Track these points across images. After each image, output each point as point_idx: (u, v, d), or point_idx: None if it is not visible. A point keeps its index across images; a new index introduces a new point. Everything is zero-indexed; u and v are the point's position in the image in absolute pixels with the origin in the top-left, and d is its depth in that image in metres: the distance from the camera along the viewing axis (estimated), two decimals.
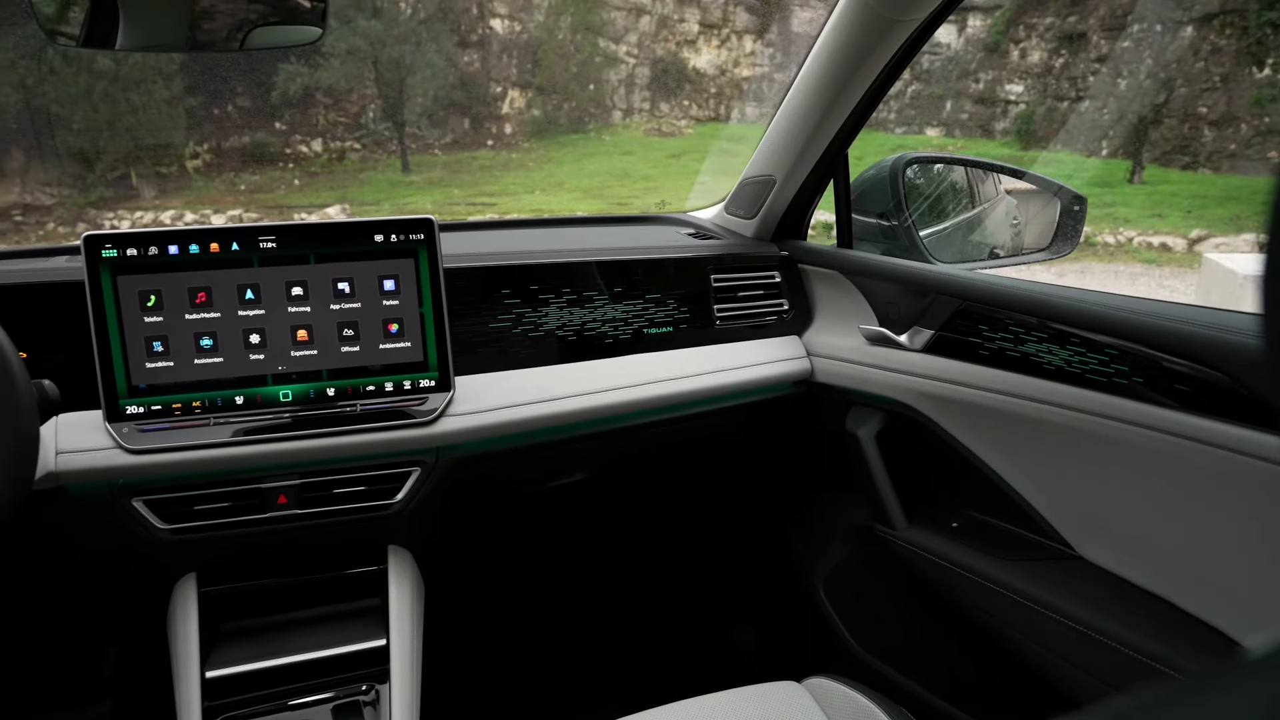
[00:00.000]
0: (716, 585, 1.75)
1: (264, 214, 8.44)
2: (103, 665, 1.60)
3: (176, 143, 8.75)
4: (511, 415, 1.18)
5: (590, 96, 11.69)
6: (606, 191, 9.77)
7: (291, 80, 9.15)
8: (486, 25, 11.02)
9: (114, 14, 1.12)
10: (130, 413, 1.11)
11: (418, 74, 9.75)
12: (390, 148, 10.09)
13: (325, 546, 1.22)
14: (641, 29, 12.09)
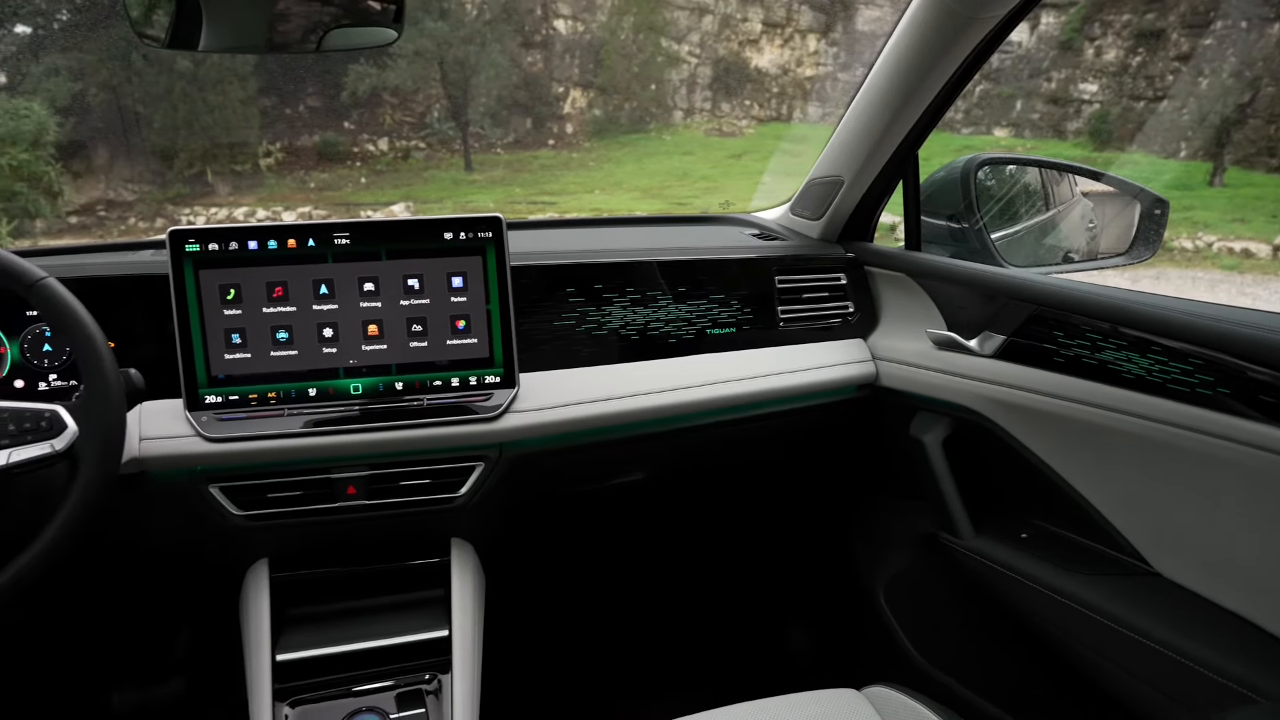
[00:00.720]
0: (773, 588, 1.74)
1: (332, 211, 8.66)
2: (175, 645, 1.67)
3: (251, 141, 9.04)
4: (574, 413, 1.19)
5: (651, 96, 11.71)
6: (666, 191, 9.77)
7: (360, 81, 9.38)
8: (550, 26, 11.12)
9: (197, 16, 1.15)
10: (209, 402, 1.15)
11: (482, 74, 9.89)
12: (454, 147, 10.26)
13: (390, 537, 1.25)
14: (704, 28, 12.07)
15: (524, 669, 1.60)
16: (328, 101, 9.72)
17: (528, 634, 1.63)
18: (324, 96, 9.80)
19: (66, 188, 7.79)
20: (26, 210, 6.54)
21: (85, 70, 8.06)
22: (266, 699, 1.09)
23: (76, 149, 8.30)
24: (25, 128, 6.38)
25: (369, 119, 9.97)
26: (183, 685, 1.64)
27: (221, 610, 1.32)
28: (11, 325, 1.19)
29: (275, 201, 8.90)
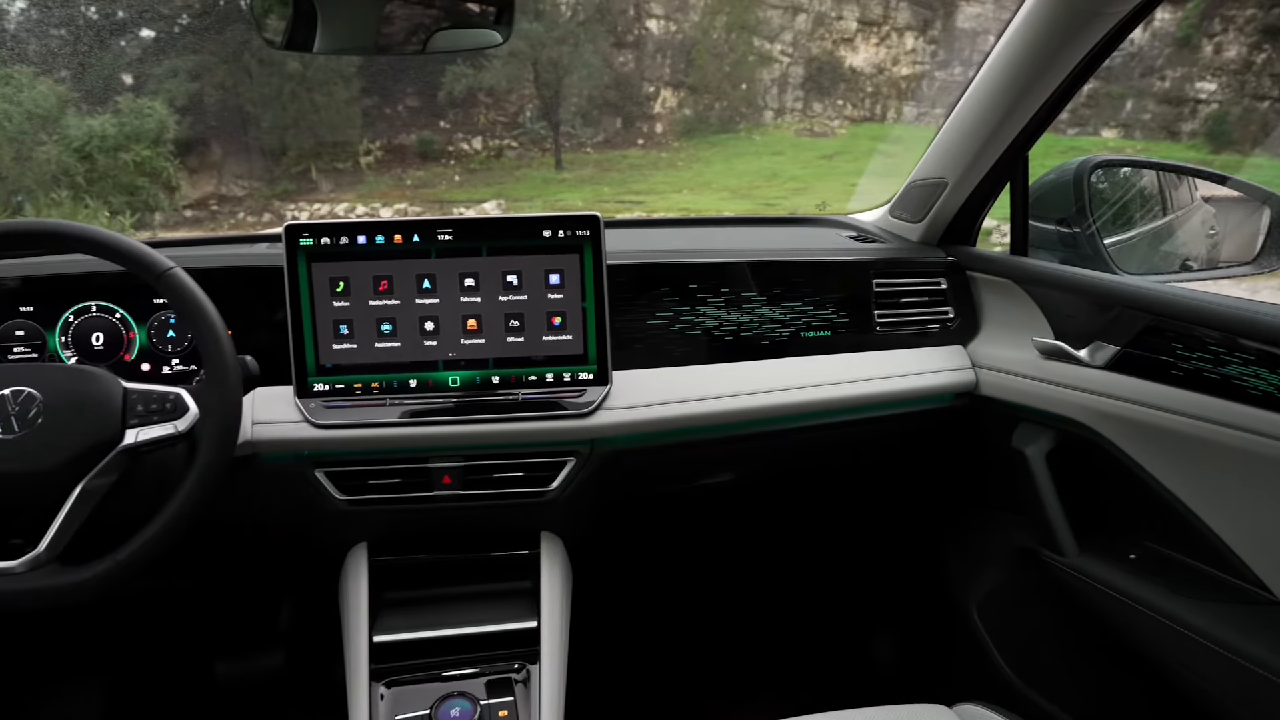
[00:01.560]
0: (860, 596, 1.71)
1: (426, 208, 8.90)
2: (277, 621, 1.75)
3: (352, 140, 9.37)
4: (667, 412, 1.20)
5: (742, 96, 11.64)
6: (754, 192, 9.70)
7: (457, 81, 9.61)
8: (642, 26, 11.18)
9: (313, 20, 1.20)
10: (317, 390, 1.20)
11: (574, 74, 10.01)
12: (545, 146, 10.41)
13: (483, 528, 1.28)
14: (797, 27, 11.92)
15: (609, 664, 1.62)
16: (425, 102, 10.00)
17: (614, 630, 1.65)
18: (422, 97, 10.09)
19: (183, 183, 8.23)
20: (147, 203, 6.94)
21: (203, 72, 8.51)
22: (364, 678, 1.13)
23: (193, 146, 8.77)
24: (148, 126, 6.78)
25: (464, 118, 10.21)
26: (282, 659, 1.71)
27: (321, 590, 1.38)
28: (140, 312, 1.26)
29: (374, 198, 9.20)
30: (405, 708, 1.10)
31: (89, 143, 6.44)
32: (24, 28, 7.02)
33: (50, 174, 6.14)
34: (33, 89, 6.21)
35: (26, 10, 7.06)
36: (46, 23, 6.83)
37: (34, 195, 6.16)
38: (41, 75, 6.48)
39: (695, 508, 1.49)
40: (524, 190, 9.69)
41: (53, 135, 6.21)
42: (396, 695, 1.12)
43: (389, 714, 1.10)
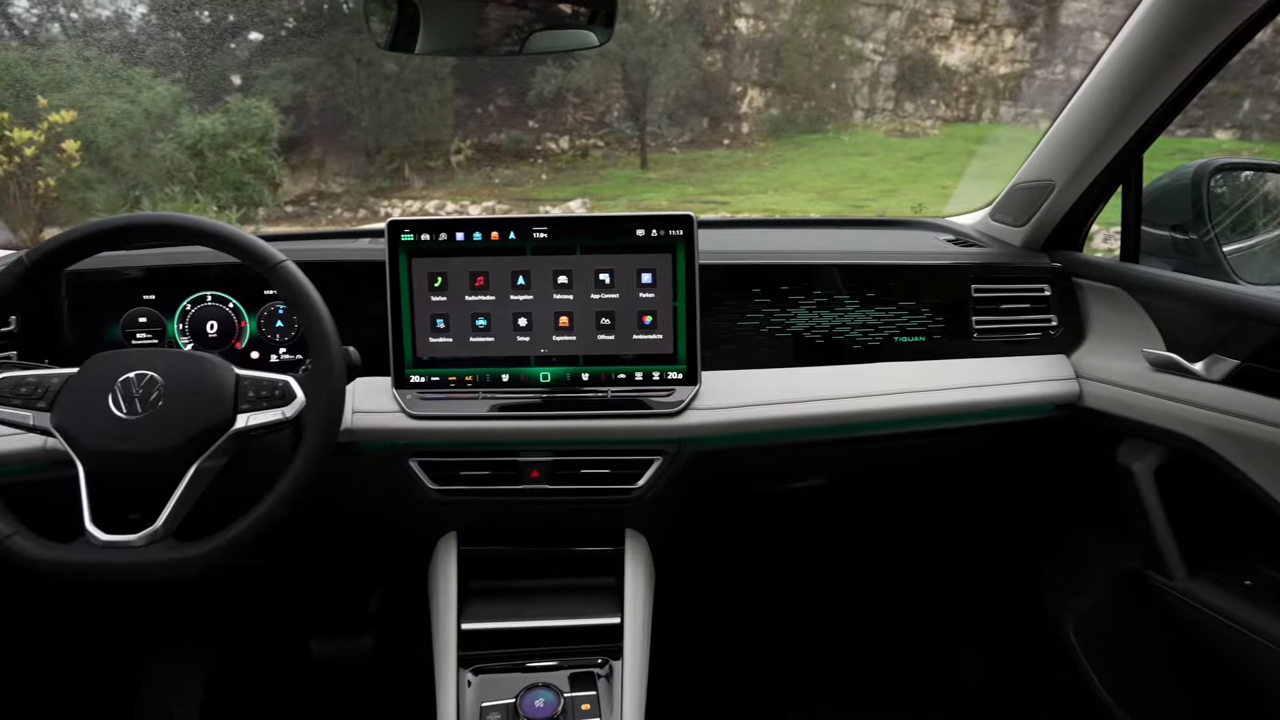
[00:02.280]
0: (947, 609, 1.67)
1: (514, 205, 9.05)
2: (368, 605, 1.81)
3: (444, 139, 9.61)
4: (756, 414, 1.19)
5: (831, 96, 11.45)
6: (841, 193, 9.53)
7: (546, 81, 9.75)
8: (731, 25, 11.11)
9: (416, 22, 1.24)
10: (414, 381, 1.24)
11: (662, 74, 10.02)
12: (631, 145, 10.46)
13: (569, 523, 1.30)
14: (890, 25, 11.65)
15: (690, 663, 1.62)
16: (515, 101, 10.17)
17: (695, 629, 1.65)
18: (512, 96, 10.26)
19: (285, 179, 8.57)
20: (252, 199, 7.25)
21: (306, 73, 8.85)
22: (452, 664, 1.16)
23: (295, 144, 9.13)
24: (255, 125, 7.09)
25: (552, 118, 10.34)
26: (372, 641, 1.77)
27: (410, 576, 1.42)
28: (251, 302, 1.33)
29: (463, 196, 9.41)
30: (491, 695, 1.13)
31: (200, 141, 6.78)
32: (144, 32, 7.44)
33: (165, 170, 6.49)
34: (151, 90, 6.56)
35: (147, 15, 7.49)
36: (164, 27, 7.23)
37: (150, 190, 6.51)
38: (159, 77, 6.85)
39: (781, 510, 1.47)
40: (609, 189, 9.75)
41: (168, 133, 6.55)
42: (483, 682, 1.15)
43: (475, 700, 1.12)
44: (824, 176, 10.19)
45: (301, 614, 1.80)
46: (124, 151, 6.21)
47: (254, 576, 1.63)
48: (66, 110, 4.78)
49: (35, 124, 4.63)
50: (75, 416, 1.03)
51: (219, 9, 7.62)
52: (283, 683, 1.80)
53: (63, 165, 4.99)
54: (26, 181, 4.70)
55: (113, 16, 7.86)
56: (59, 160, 4.90)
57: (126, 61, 6.61)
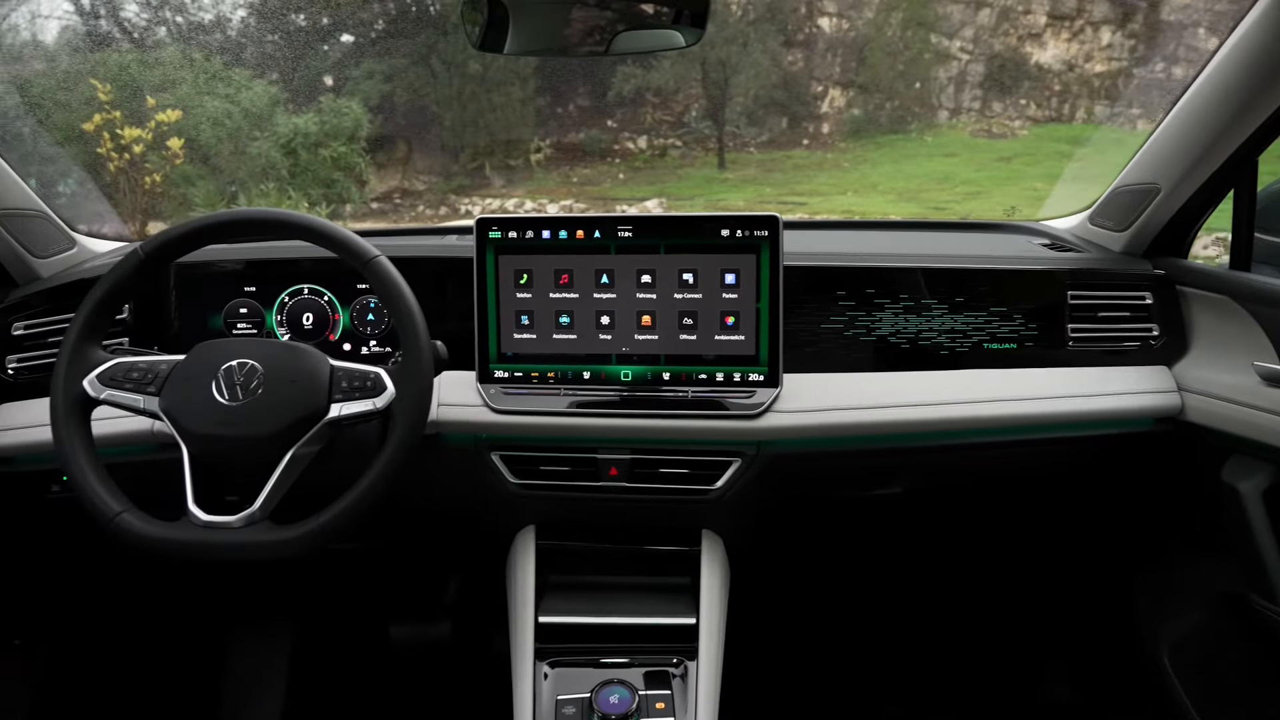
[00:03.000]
0: (1032, 626, 1.62)
1: (591, 204, 9.12)
2: (446, 593, 1.85)
3: (524, 138, 9.75)
4: (837, 418, 1.18)
5: (915, 95, 11.18)
6: (923, 195, 9.30)
7: (626, 81, 9.79)
8: (814, 24, 10.96)
9: (505, 23, 1.26)
10: (498, 376, 1.26)
11: (742, 74, 9.96)
12: (709, 145, 10.42)
13: (646, 522, 1.30)
14: (979, 22, 11.31)
15: (764, 666, 1.61)
16: (594, 101, 10.25)
17: (770, 632, 1.64)
18: (592, 96, 10.34)
19: (371, 177, 8.82)
20: (340, 196, 7.49)
21: (394, 74, 9.10)
22: (529, 656, 1.18)
23: (382, 143, 9.38)
24: (345, 124, 7.32)
25: (630, 118, 10.38)
26: (449, 629, 1.82)
27: (487, 567, 1.45)
28: (345, 295, 1.37)
29: (541, 194, 9.53)
30: (567, 688, 1.14)
31: (294, 139, 7.03)
32: (244, 35, 7.76)
33: (260, 167, 6.75)
34: (249, 90, 6.84)
35: (246, 19, 7.81)
36: (263, 30, 7.53)
37: (245, 186, 6.78)
38: (257, 78, 7.13)
39: (860, 516, 1.45)
40: (685, 189, 9.73)
41: (264, 132, 6.82)
42: (559, 676, 1.16)
43: (551, 693, 1.14)
44: (905, 178, 9.96)
45: (382, 598, 1.86)
46: (223, 149, 6.50)
47: (339, 559, 1.69)
48: (172, 110, 5.02)
49: (144, 122, 4.88)
50: (182, 401, 1.09)
51: (314, 12, 7.91)
52: (363, 664, 1.85)
53: (167, 162, 5.25)
54: (135, 177, 4.96)
55: (215, 20, 8.22)
56: (164, 157, 5.15)
57: (227, 63, 6.90)
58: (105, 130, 4.59)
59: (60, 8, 7.10)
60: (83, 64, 5.57)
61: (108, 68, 5.22)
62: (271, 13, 6.94)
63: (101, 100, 4.59)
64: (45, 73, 5.03)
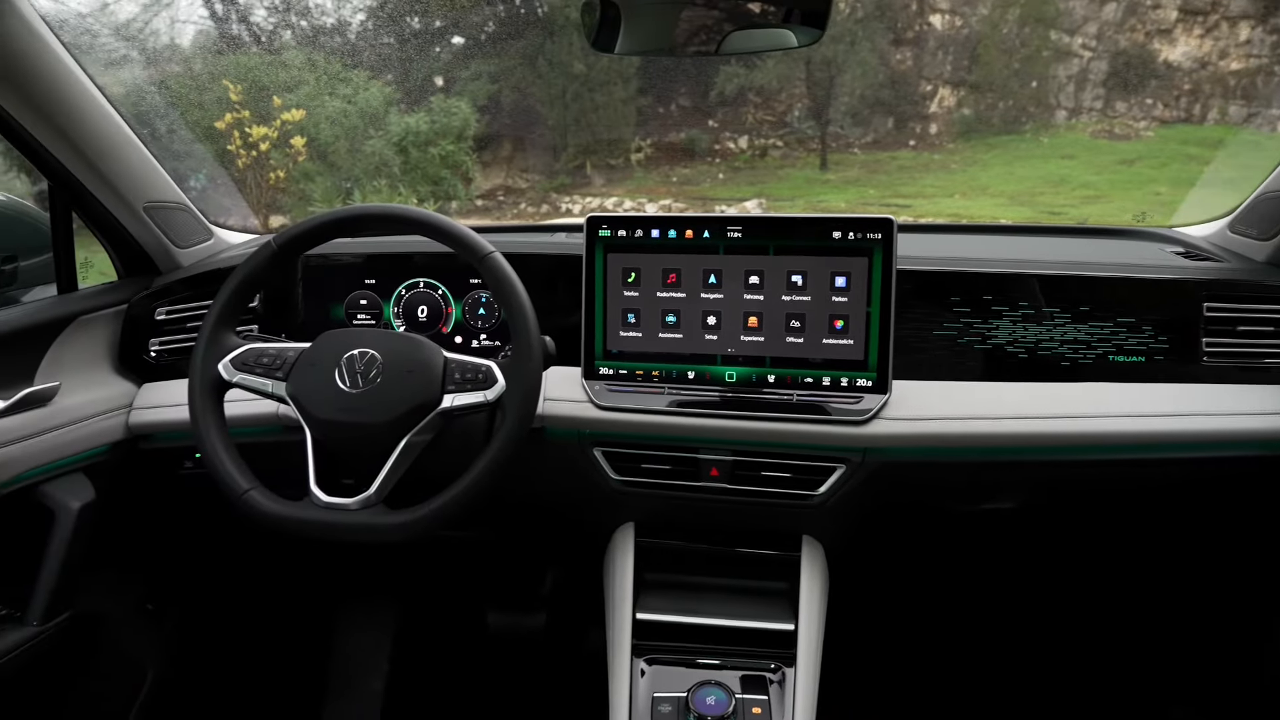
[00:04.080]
0: (1154, 660, 1.53)
1: (690, 204, 9.12)
2: (543, 584, 1.89)
3: (625, 138, 9.83)
4: (948, 428, 1.14)
5: (1031, 94, 10.72)
6: (1037, 199, 8.92)
7: (729, 81, 9.74)
8: (925, 21, 10.65)
9: (617, 23, 1.27)
10: (603, 373, 1.28)
11: (848, 73, 9.76)
12: (811, 145, 10.27)
13: (745, 524, 1.30)
14: (1104, 18, 10.76)
15: (861, 676, 1.58)
16: (696, 101, 10.24)
17: (868, 642, 1.61)
18: (693, 96, 10.34)
19: (477, 175, 9.06)
20: (447, 193, 7.73)
21: (502, 74, 9.32)
22: (626, 652, 1.19)
23: (487, 142, 9.63)
24: (454, 123, 7.54)
25: (732, 117, 10.33)
26: (544, 620, 1.85)
27: (583, 561, 1.47)
28: (458, 290, 1.42)
29: (640, 194, 9.58)
30: (663, 686, 1.14)
31: (405, 138, 7.29)
32: (362, 38, 8.09)
33: (374, 165, 7.03)
34: (366, 90, 7.12)
35: (364, 22, 8.15)
36: (379, 32, 7.83)
37: (360, 183, 7.07)
38: (373, 79, 7.42)
39: (966, 529, 1.40)
40: (786, 190, 9.62)
41: (378, 131, 7.09)
42: (656, 673, 1.17)
43: (648, 690, 1.15)
44: (1017, 180, 9.55)
45: (481, 587, 1.91)
46: (340, 147, 6.79)
47: (441, 546, 1.75)
48: (296, 109, 5.28)
49: (270, 121, 5.15)
50: (307, 387, 1.14)
51: (428, 15, 8.17)
52: (460, 649, 1.91)
53: (291, 159, 5.53)
54: (260, 173, 5.25)
55: (336, 24, 8.60)
56: (288, 154, 5.43)
57: (346, 65, 7.21)
58: (235, 128, 4.88)
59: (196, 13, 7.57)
60: (215, 66, 5.92)
61: (238, 69, 5.54)
62: (388, 16, 7.24)
63: (232, 100, 4.88)
64: (181, 74, 5.38)
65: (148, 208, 1.48)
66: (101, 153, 1.35)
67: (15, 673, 1.25)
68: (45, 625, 1.30)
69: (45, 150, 1.30)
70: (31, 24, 1.16)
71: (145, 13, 6.03)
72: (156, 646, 1.65)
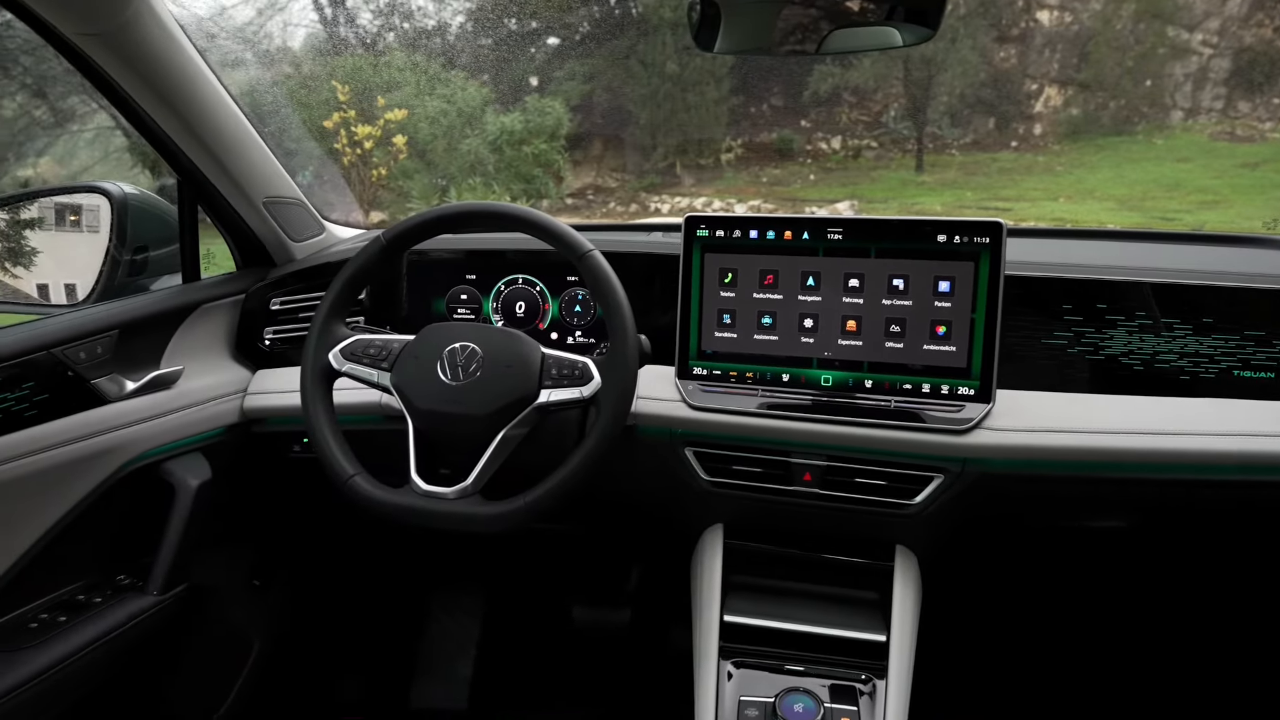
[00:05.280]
0: (1270, 698, 1.44)
1: (779, 205, 9.03)
2: (628, 581, 1.90)
3: (716, 137, 9.81)
4: (1056, 441, 1.10)
5: (1145, 94, 10.21)
6: (1148, 204, 8.50)
7: (823, 80, 9.61)
8: (1031, 18, 10.26)
9: (716, 22, 1.27)
10: (696, 373, 1.28)
11: (948, 72, 9.50)
12: (906, 147, 10.03)
13: (837, 531, 1.28)
14: (1227, 13, 10.15)
15: (953, 690, 1.54)
16: (789, 101, 10.14)
17: (960, 655, 1.56)
18: (786, 96, 10.24)
19: (568, 174, 9.19)
20: (538, 191, 7.86)
21: (595, 74, 9.42)
22: (713, 653, 1.19)
23: (579, 141, 9.75)
24: (547, 123, 7.67)
25: (826, 117, 10.18)
26: (629, 616, 1.87)
27: (670, 561, 1.47)
28: (555, 287, 1.44)
29: (730, 194, 9.54)
30: (750, 690, 1.14)
31: (500, 137, 7.45)
32: (461, 39, 8.30)
33: (469, 163, 7.21)
34: (464, 90, 7.31)
35: (464, 24, 8.36)
36: (477, 34, 8.03)
37: (455, 181, 7.26)
38: (471, 79, 7.61)
39: (1068, 546, 1.35)
40: (879, 192, 9.42)
41: (474, 130, 7.26)
42: (743, 677, 1.16)
43: (735, 693, 1.14)
44: (1127, 184, 9.11)
45: (567, 579, 1.93)
46: (438, 146, 6.99)
47: (530, 537, 1.78)
48: (399, 109, 5.47)
49: (374, 121, 5.35)
50: (410, 378, 1.18)
51: (525, 17, 8.33)
52: (545, 640, 1.94)
53: (392, 157, 5.72)
54: (363, 171, 5.45)
55: (437, 26, 8.85)
56: (389, 153, 5.62)
57: (446, 66, 7.41)
58: (342, 127, 5.09)
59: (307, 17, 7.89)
60: (324, 67, 6.18)
61: (344, 70, 5.77)
62: (487, 18, 7.40)
63: (340, 100, 5.08)
64: (292, 75, 5.63)
65: (267, 203, 1.55)
66: (227, 150, 1.43)
67: (137, 638, 1.34)
68: (164, 596, 1.38)
69: (177, 147, 1.38)
70: (169, 28, 1.23)
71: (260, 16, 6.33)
72: (261, 620, 1.74)
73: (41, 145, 5.65)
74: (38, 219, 1.72)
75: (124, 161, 5.50)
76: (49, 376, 1.22)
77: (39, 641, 1.20)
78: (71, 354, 1.24)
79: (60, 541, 1.27)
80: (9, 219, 1.73)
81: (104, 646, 1.27)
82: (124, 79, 1.25)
